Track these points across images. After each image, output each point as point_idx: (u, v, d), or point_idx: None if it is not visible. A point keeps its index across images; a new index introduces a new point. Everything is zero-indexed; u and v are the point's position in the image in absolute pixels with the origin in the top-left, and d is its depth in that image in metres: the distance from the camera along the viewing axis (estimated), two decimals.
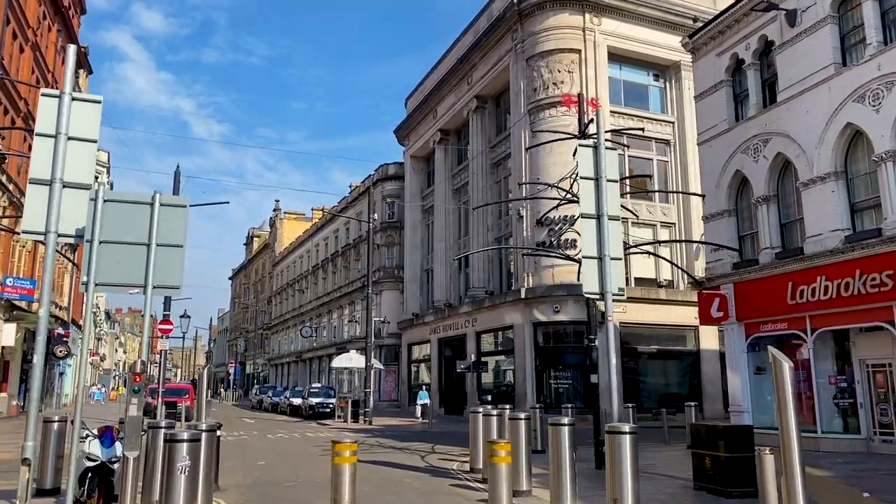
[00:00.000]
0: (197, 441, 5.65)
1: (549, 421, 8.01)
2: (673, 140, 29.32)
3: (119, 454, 6.84)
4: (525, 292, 26.47)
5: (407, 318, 38.93)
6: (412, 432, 21.82)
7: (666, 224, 28.83)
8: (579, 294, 25.33)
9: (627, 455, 6.35)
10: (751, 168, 16.36)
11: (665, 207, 28.95)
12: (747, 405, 16.10)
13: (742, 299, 16.35)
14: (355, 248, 49.18)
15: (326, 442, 17.45)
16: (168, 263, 7.36)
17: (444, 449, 15.85)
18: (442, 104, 36.43)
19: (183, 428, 7.27)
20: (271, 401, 40.17)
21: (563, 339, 26.56)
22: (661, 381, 27.28)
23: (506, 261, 30.97)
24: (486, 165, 32.34)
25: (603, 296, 9.29)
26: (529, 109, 27.96)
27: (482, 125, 32.69)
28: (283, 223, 76.24)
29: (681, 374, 27.67)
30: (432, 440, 18.43)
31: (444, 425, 24.86)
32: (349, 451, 5.50)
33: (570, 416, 10.11)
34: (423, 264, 39.69)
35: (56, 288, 33.40)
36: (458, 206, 36.11)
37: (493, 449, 6.42)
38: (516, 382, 27.10)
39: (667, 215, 28.89)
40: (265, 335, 76.18)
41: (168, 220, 7.44)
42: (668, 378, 27.37)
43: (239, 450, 15.99)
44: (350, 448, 5.50)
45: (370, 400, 26.00)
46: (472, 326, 31.08)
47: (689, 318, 27.32)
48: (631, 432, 6.40)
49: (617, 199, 9.64)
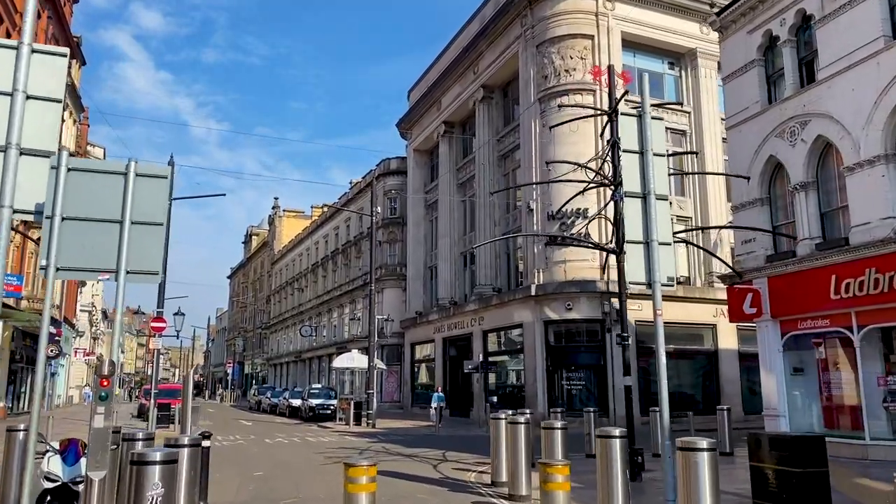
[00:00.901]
0: (172, 463, 4.45)
1: (597, 433, 6.82)
2: (689, 130, 28.13)
3: (84, 473, 5.66)
4: (536, 289, 25.28)
5: (410, 316, 37.72)
6: (419, 436, 20.63)
7: (682, 218, 27.62)
8: (593, 291, 24.22)
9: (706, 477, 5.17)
10: (787, 153, 15.17)
11: (681, 200, 27.76)
12: (784, 409, 14.92)
13: (777, 294, 15.16)
14: (356, 245, 47.97)
15: (329, 448, 16.24)
16: (145, 245, 6.16)
17: (456, 456, 14.66)
18: (446, 95, 35.22)
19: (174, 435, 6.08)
20: (270, 402, 38.97)
21: (576, 338, 25.37)
22: (678, 381, 26.06)
23: (514, 257, 29.78)
24: (493, 158, 31.13)
25: (650, 286, 8.10)
26: (540, 98, 26.76)
27: (489, 116, 31.49)
28: (283, 221, 75.03)
29: (698, 375, 26.48)
30: (442, 446, 17.23)
31: (451, 428, 23.68)
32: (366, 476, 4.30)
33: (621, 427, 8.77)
34: (427, 261, 38.48)
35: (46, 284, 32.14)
36: (463, 201, 34.91)
37: (548, 473, 5.20)
38: (526, 384, 25.90)
39: (683, 209, 27.70)
40: (264, 334, 74.95)
41: (146, 194, 6.25)
42: (685, 379, 26.18)
43: (234, 457, 14.79)
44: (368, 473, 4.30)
45: (373, 402, 24.80)
46: (479, 325, 29.87)
47: (707, 316, 26.19)
48: (709, 448, 5.21)
49: (665, 175, 8.45)
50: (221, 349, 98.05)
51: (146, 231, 6.19)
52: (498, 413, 10.93)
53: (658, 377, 7.82)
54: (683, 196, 27.92)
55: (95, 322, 72.77)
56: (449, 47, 35.63)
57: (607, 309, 24.32)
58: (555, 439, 7.90)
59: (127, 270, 6.06)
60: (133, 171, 6.23)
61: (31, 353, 32.92)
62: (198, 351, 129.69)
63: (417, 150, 39.76)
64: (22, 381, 31.74)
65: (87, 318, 62.69)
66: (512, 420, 9.27)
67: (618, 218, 11.56)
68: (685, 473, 5.24)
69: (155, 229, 6.23)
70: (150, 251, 6.18)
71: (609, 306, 24.34)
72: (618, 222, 11.57)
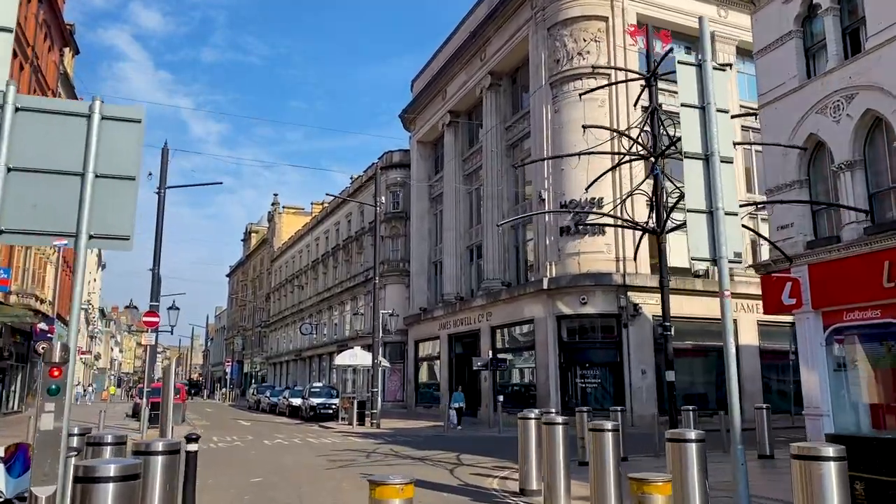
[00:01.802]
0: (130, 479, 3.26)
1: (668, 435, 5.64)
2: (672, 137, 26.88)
3: None
4: (548, 282, 24.09)
5: (414, 313, 36.52)
6: (427, 437, 19.43)
7: None
8: (608, 284, 22.98)
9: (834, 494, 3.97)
10: (829, 130, 13.97)
11: None
12: (828, 408, 13.71)
13: (819, 283, 13.95)
14: (357, 240, 46.78)
15: (333, 451, 15.04)
16: (113, 203, 4.98)
17: (472, 459, 13.47)
18: (452, 83, 34.02)
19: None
20: (269, 401, 37.79)
21: (591, 333, 24.18)
22: (696, 379, 24.91)
23: (523, 250, 28.58)
24: (502, 147, 29.93)
25: (716, 263, 6.90)
26: (552, 83, 25.57)
27: (496, 104, 30.28)
28: (282, 217, 73.82)
29: (717, 373, 25.27)
30: (453, 447, 16.05)
31: (460, 428, 22.48)
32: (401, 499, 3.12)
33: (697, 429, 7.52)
34: (431, 256, 37.29)
35: (38, 279, 30.96)
36: (469, 193, 33.72)
37: (646, 492, 3.97)
38: (538, 381, 24.71)
39: None
40: (263, 333, 73.74)
41: (115, 141, 5.06)
42: (704, 376, 25.00)
43: (230, 461, 13.61)
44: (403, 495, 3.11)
45: (378, 401, 23.60)
46: (487, 321, 28.68)
47: None
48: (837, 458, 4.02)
49: (729, 134, 7.26)
50: (220, 348, 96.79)
51: (114, 186, 5.01)
52: (527, 412, 9.74)
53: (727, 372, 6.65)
54: None
55: (92, 320, 71.54)
56: (454, 34, 34.42)
57: (623, 303, 23.14)
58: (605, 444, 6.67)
59: (90, 234, 4.88)
60: (98, 112, 5.04)
61: (22, 350, 31.71)
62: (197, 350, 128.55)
63: (421, 141, 38.56)
64: (11, 379, 30.53)
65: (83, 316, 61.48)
66: (547, 420, 8.07)
67: (657, 194, 10.34)
68: (805, 489, 4.07)
69: (125, 185, 5.04)
70: (120, 211, 4.99)
71: (625, 300, 23.17)
72: (658, 199, 10.34)
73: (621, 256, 23.62)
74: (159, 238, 22.13)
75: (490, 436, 20.26)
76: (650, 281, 23.70)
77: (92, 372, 75.42)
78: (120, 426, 23.10)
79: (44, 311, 31.42)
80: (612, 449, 6.66)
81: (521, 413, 9.90)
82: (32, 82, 29.51)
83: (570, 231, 24.02)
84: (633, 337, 23.15)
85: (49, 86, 32.71)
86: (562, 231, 24.26)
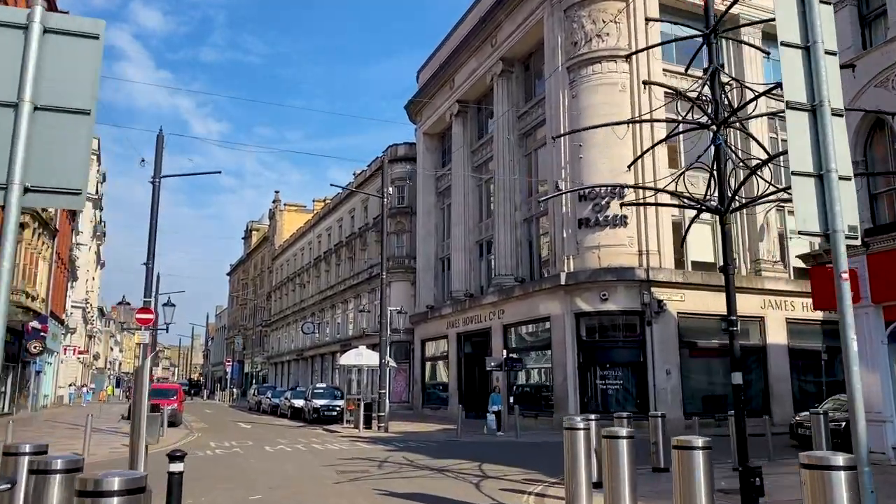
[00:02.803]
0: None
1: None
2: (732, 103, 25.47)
3: None
4: (566, 277, 22.74)
5: (420, 311, 35.19)
6: (440, 443, 18.09)
7: None
8: (631, 279, 21.53)
9: None
10: (892, 105, 12.62)
11: None
12: (891, 412, 12.39)
13: (880, 275, 12.63)
14: (360, 237, 45.44)
15: (341, 459, 13.68)
16: (58, 145, 3.65)
17: (496, 470, 12.13)
18: (461, 72, 32.66)
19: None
20: (270, 402, 36.45)
21: (611, 331, 22.82)
22: (720, 380, 23.52)
23: (537, 244, 27.22)
24: (514, 137, 28.57)
25: (828, 238, 5.54)
26: (569, 66, 24.21)
27: (508, 92, 28.91)
28: (283, 215, 72.48)
29: (744, 373, 23.87)
30: (472, 455, 14.71)
31: (472, 432, 21.15)
32: None
33: (705, 438, 6.37)
34: (438, 252, 35.94)
35: (29, 275, 29.63)
36: (478, 186, 32.37)
37: None
38: (554, 383, 23.36)
39: None
40: (264, 332, 72.43)
41: (63, 63, 3.74)
42: (729, 376, 23.54)
43: (227, 471, 12.28)
44: None
45: (386, 403, 22.26)
46: (499, 319, 27.33)
47: (754, 308, 23.68)
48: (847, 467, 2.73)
49: (838, 82, 5.91)
50: (221, 348, 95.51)
51: (61, 123, 3.67)
52: (574, 419, 8.40)
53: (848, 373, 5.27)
54: None
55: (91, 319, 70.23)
56: (463, 20, 33.07)
57: (647, 299, 21.79)
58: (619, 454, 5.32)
59: (26, 186, 3.55)
60: (39, 23, 3.70)
61: (13, 349, 30.38)
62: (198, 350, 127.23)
63: (427, 133, 37.21)
64: (1, 381, 29.20)
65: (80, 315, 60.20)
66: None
67: (721, 168, 8.97)
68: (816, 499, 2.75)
69: (76, 121, 3.70)
70: (68, 156, 3.66)
71: (649, 296, 21.82)
72: (721, 174, 8.97)
73: (644, 250, 22.27)
74: (154, 230, 20.78)
75: (507, 441, 18.93)
76: (675, 276, 22.39)
77: (91, 372, 74.19)
78: (112, 429, 21.78)
79: (35, 308, 30.10)
80: (705, 476, 5.32)
81: (568, 421, 8.58)
82: None
83: (590, 223, 22.66)
84: (657, 335, 21.80)
85: None
86: (580, 223, 22.90)
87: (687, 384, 22.20)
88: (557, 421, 22.58)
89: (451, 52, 32.96)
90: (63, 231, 39.35)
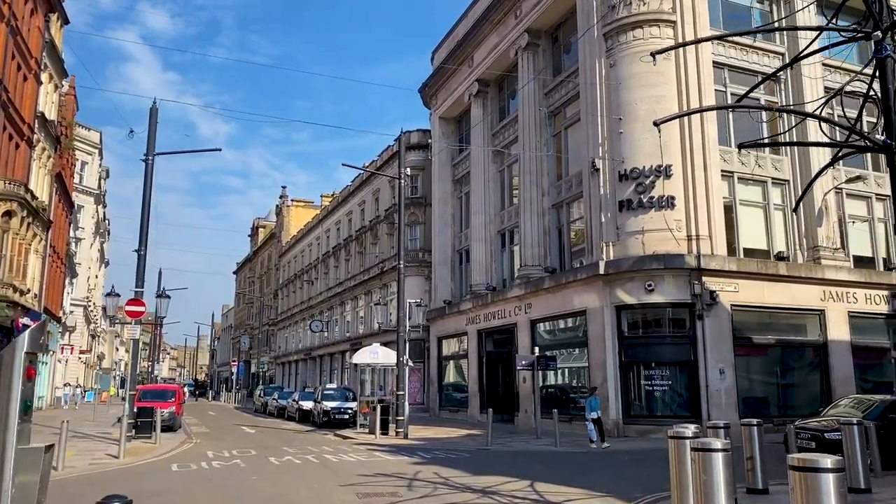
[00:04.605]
0: None
1: None
2: (783, 75, 23.11)
3: None
4: (605, 266, 20.39)
5: (436, 306, 32.89)
6: (471, 453, 15.79)
7: (778, 181, 22.68)
8: (680, 267, 18.92)
9: None
10: None
11: (776, 160, 22.77)
12: None
13: None
14: (372, 230, 43.22)
15: (360, 477, 11.30)
16: None
17: (553, 490, 9.82)
18: (480, 48, 30.35)
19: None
20: (277, 404, 34.27)
21: (657, 326, 20.44)
22: (778, 380, 21.13)
23: (567, 231, 24.88)
24: (541, 116, 26.23)
25: None
26: (605, 33, 21.87)
27: (534, 67, 26.56)
28: (290, 211, 70.37)
29: (803, 372, 21.51)
30: (515, 469, 12.42)
31: (501, 438, 18.85)
32: None
33: None
34: (455, 244, 33.65)
35: (18, 268, 27.52)
36: (500, 171, 30.06)
37: None
38: (592, 383, 20.95)
39: (779, 170, 22.73)
40: (271, 331, 70.36)
41: None
42: (787, 376, 21.20)
43: (221, 494, 10.02)
44: None
45: (405, 406, 19.97)
46: (526, 313, 25.00)
47: (813, 300, 21.26)
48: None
49: None
50: (227, 347, 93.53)
51: None
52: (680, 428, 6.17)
53: None
54: (779, 155, 22.92)
55: (94, 318, 68.35)
56: None
57: (698, 290, 19.41)
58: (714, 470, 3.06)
59: None
60: None
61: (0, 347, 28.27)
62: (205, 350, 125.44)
63: (443, 118, 34.92)
64: None
65: (82, 313, 58.27)
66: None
67: (885, 90, 6.59)
68: None
69: None
70: None
71: (700, 287, 19.44)
72: (887, 97, 6.59)
73: (694, 234, 19.90)
74: (147, 213, 18.61)
75: (545, 449, 16.60)
76: (728, 264, 20.02)
77: (95, 372, 72.37)
78: (102, 435, 19.53)
79: (24, 303, 27.99)
80: None
81: (673, 430, 6.40)
82: (10, 45, 26.09)
83: (633, 205, 20.30)
84: (709, 330, 19.43)
85: (31, 53, 29.31)
86: (621, 206, 20.56)
87: (741, 385, 19.83)
88: None
89: (470, 27, 30.66)
90: (58, 223, 37.29)
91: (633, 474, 12.13)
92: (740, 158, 21.92)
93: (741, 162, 21.97)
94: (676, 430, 7.02)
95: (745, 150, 22.10)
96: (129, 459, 14.16)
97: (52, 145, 34.23)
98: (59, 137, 35.38)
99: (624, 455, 15.06)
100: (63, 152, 37.32)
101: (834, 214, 22.47)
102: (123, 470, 12.76)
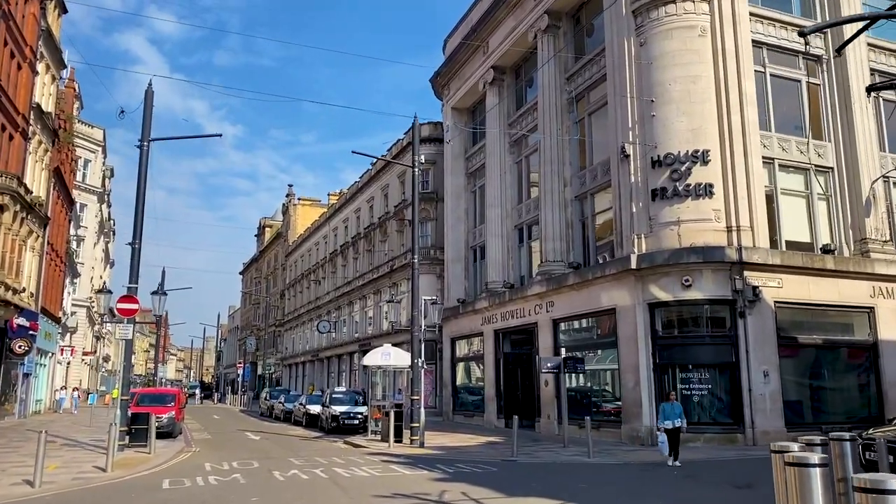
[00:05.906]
0: None
1: None
2: (826, 56, 21.49)
3: None
4: (637, 260, 18.81)
5: (450, 305, 31.35)
6: (498, 466, 14.23)
7: (821, 169, 21.02)
8: (720, 261, 16.83)
9: None
10: None
11: (819, 146, 21.11)
12: None
13: None
14: (381, 227, 41.74)
15: (378, 497, 9.76)
16: None
17: None
18: (496, 34, 28.80)
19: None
20: (284, 407, 32.84)
21: (695, 325, 18.84)
22: (825, 383, 19.49)
23: (592, 224, 23.29)
24: (562, 102, 24.66)
25: None
26: (635, 9, 20.30)
27: (555, 50, 24.98)
28: (297, 209, 69.06)
29: (852, 375, 19.85)
30: (553, 487, 10.87)
31: (525, 447, 17.30)
32: None
33: None
34: (469, 240, 32.11)
35: (11, 266, 26.18)
36: (517, 163, 28.51)
37: None
38: (623, 387, 19.40)
39: (822, 156, 21.07)
40: (277, 332, 69.01)
41: None
42: (834, 380, 19.55)
43: None
44: None
45: (421, 412, 18.43)
46: (547, 312, 23.42)
47: (862, 297, 19.61)
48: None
49: None
50: (234, 349, 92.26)
51: None
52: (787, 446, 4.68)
53: None
54: (822, 140, 21.26)
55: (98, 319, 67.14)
56: None
57: (740, 286, 17.80)
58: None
59: None
60: None
61: None
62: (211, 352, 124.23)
63: (456, 108, 33.40)
64: None
65: (85, 314, 57.01)
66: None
67: None
68: None
69: None
70: None
71: (742, 282, 17.83)
72: None
73: (734, 225, 18.30)
74: (141, 202, 17.16)
75: (577, 461, 15.03)
76: (771, 257, 18.40)
77: (101, 375, 71.25)
78: (94, 443, 18.06)
79: (18, 302, 26.64)
80: None
81: (777, 445, 4.94)
82: (1, 30, 24.76)
83: (667, 194, 18.72)
84: (751, 328, 17.82)
85: (26, 41, 27.97)
86: (654, 194, 18.97)
87: (785, 388, 18.20)
88: (626, 433, 18.69)
89: (485, 11, 29.13)
90: (57, 220, 35.95)
91: (693, 496, 10.55)
92: (781, 144, 20.30)
93: (782, 148, 20.34)
94: (781, 448, 5.52)
95: (785, 135, 20.51)
96: (118, 473, 12.70)
97: (50, 139, 32.90)
98: (56, 131, 34.03)
99: (672, 469, 13.46)
100: (62, 146, 35.97)
101: (882, 204, 20.81)
102: (107, 487, 11.30)
